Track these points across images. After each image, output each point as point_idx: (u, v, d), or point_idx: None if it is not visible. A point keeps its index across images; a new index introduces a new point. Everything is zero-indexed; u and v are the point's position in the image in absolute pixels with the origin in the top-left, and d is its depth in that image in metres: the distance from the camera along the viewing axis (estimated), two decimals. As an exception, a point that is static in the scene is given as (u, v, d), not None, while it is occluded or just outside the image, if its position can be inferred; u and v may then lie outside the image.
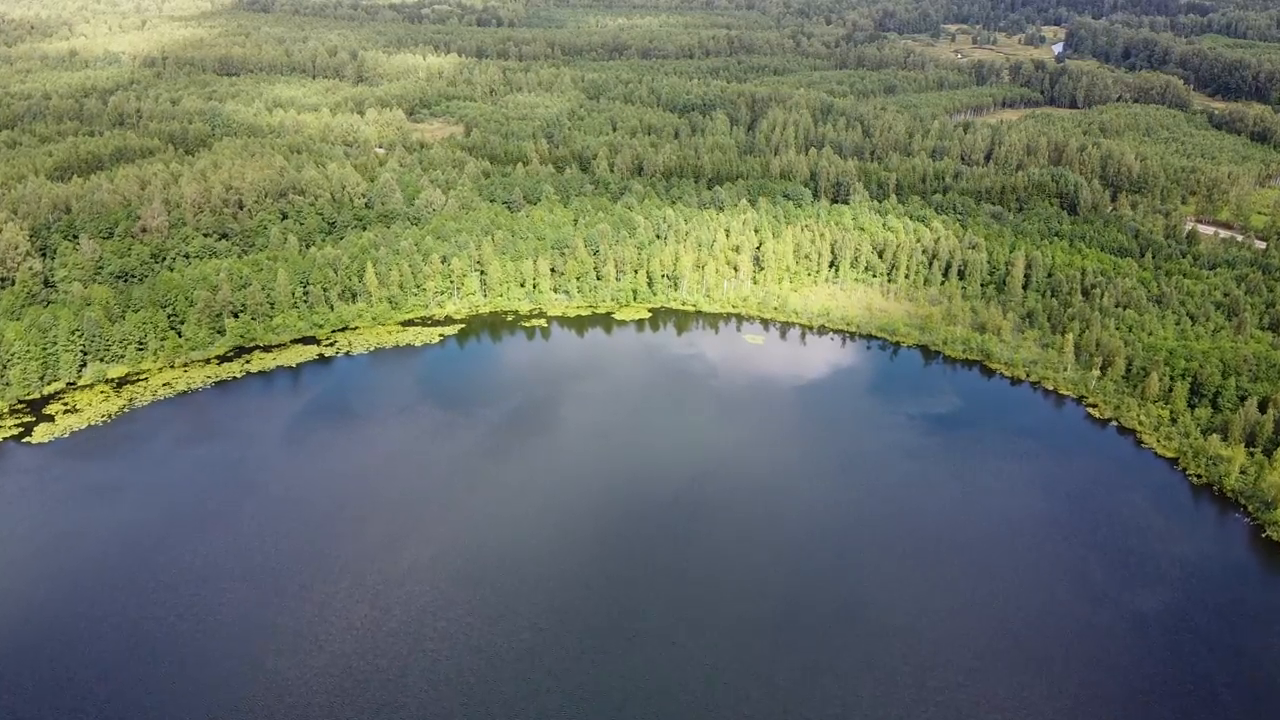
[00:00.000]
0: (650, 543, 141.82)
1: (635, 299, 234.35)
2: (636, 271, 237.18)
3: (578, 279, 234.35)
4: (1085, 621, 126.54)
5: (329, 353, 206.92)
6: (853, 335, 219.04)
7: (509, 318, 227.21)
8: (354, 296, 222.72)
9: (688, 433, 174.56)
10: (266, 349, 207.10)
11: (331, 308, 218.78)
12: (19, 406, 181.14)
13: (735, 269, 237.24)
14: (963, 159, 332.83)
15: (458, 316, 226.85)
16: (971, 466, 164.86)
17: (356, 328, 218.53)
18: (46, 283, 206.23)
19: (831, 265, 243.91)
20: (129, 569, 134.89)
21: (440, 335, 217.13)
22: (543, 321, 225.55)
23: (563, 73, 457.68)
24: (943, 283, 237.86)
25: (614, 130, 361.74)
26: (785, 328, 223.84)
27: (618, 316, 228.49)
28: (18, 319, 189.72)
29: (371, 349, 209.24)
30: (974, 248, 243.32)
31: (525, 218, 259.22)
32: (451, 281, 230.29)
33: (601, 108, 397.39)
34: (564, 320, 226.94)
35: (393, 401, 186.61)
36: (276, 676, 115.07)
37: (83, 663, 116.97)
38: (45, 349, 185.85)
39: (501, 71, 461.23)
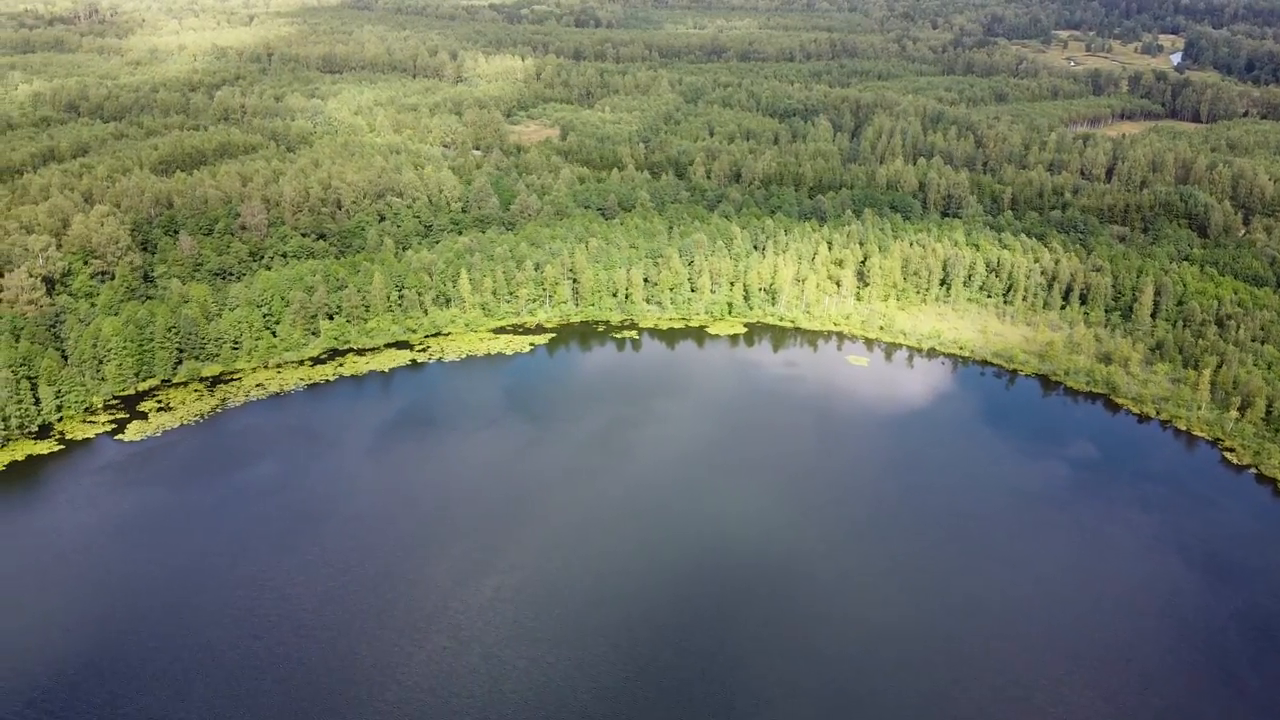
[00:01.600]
0: (741, 589, 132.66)
1: (730, 313, 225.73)
2: (732, 284, 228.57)
3: (671, 290, 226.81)
4: (1228, 709, 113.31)
5: (421, 358, 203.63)
6: (965, 360, 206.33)
7: (600, 328, 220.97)
8: (448, 302, 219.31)
9: (783, 463, 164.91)
10: (360, 353, 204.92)
11: (425, 313, 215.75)
12: (114, 402, 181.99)
13: (837, 284, 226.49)
14: (1082, 174, 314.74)
15: (549, 325, 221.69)
16: (1096, 515, 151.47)
17: (449, 333, 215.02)
18: (146, 278, 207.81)
19: (942, 284, 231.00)
20: (205, 582, 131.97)
21: (531, 344, 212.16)
22: (634, 333, 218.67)
23: (660, 75, 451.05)
24: (1063, 307, 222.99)
25: (711, 135, 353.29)
26: (891, 349, 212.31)
27: (711, 331, 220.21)
28: (116, 314, 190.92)
29: (463, 356, 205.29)
30: (1098, 270, 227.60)
31: (619, 225, 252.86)
32: (544, 289, 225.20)
33: (699, 111, 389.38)
34: (656, 332, 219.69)
35: (480, 412, 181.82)
36: (347, 710, 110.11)
37: (142, 688, 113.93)
38: (142, 345, 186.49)
39: (599, 74, 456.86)
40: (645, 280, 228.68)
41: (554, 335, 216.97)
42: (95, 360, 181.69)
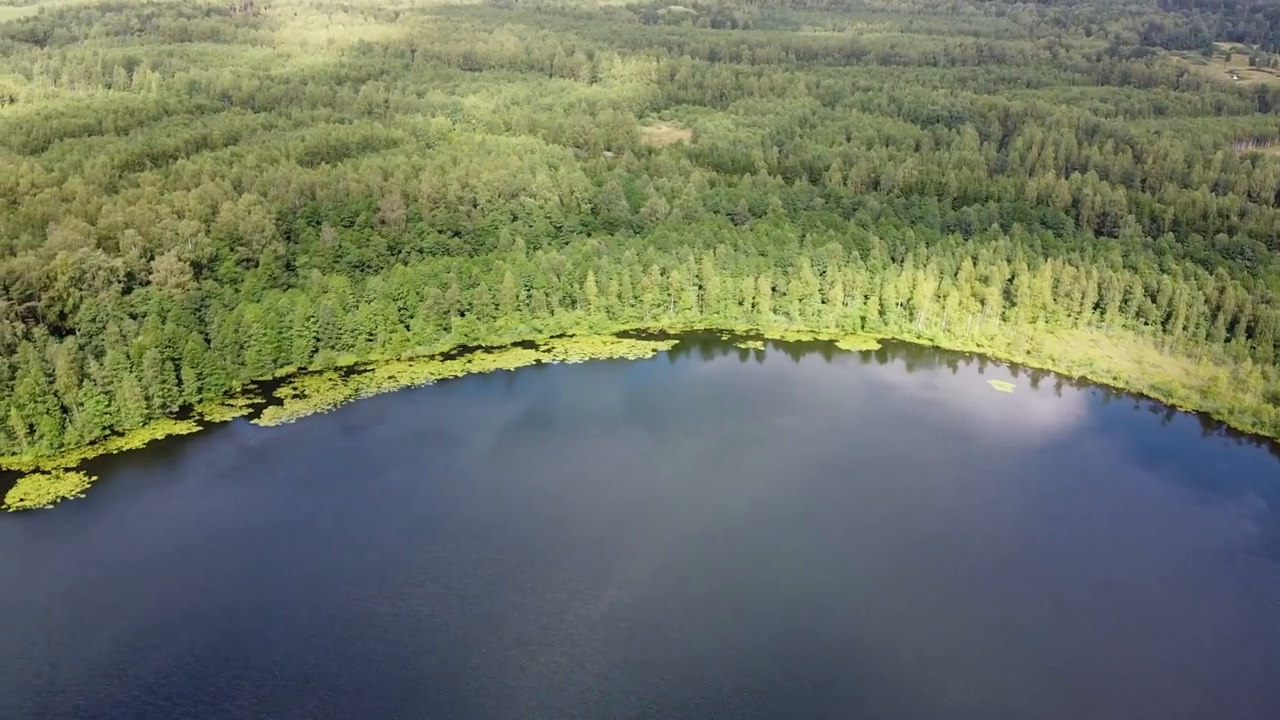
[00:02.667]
0: (852, 639, 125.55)
1: (863, 328, 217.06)
2: (866, 298, 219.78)
3: (800, 301, 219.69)
4: None
5: (546, 359, 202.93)
6: (1118, 392, 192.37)
7: (724, 336, 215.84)
8: (574, 303, 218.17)
9: (913, 496, 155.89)
10: (488, 350, 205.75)
11: (552, 313, 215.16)
12: (251, 387, 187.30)
13: (981, 302, 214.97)
14: (1250, 196, 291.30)
15: (672, 331, 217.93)
16: (1266, 575, 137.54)
17: (574, 335, 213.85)
18: (288, 266, 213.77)
19: (1096, 308, 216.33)
20: (328, 576, 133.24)
21: (653, 349, 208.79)
22: (759, 344, 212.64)
23: (796, 77, 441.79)
24: (1228, 340, 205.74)
25: (848, 140, 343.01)
26: (1038, 375, 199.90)
27: (841, 345, 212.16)
28: (258, 301, 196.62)
29: (586, 358, 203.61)
30: (1266, 302, 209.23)
31: (749, 231, 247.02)
32: (669, 294, 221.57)
33: (836, 115, 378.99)
34: (782, 344, 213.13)
35: (600, 417, 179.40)
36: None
37: (259, 679, 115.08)
38: (281, 333, 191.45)
39: (733, 75, 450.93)
40: (774, 289, 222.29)
41: (677, 342, 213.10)
42: (236, 345, 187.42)
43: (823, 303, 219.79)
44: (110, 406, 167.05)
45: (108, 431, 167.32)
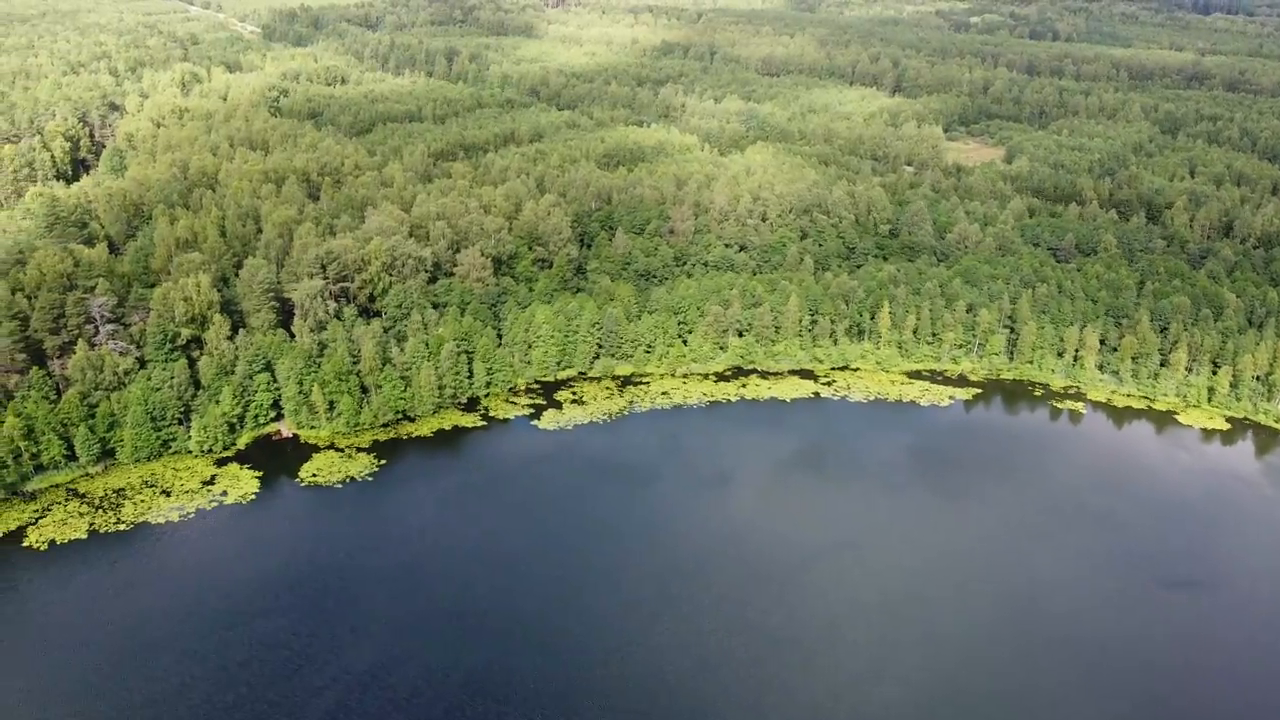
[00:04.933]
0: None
1: (1209, 400, 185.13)
2: (1216, 365, 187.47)
3: (1134, 360, 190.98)
4: None
5: (825, 392, 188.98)
6: None
7: (1036, 391, 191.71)
8: (862, 334, 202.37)
9: (1257, 651, 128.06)
10: (764, 375, 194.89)
11: (835, 343, 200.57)
12: (534, 386, 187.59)
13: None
14: None
15: (973, 377, 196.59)
16: None
17: (858, 369, 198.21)
18: (579, 270, 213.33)
19: None
20: (580, 602, 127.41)
21: (950, 397, 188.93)
22: (1078, 405, 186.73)
23: (1130, 99, 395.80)
24: None
25: (1192, 175, 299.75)
26: None
27: (1181, 419, 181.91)
28: (549, 302, 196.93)
29: (870, 398, 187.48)
30: None
31: (1075, 271, 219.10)
32: (974, 335, 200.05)
33: (1179, 145, 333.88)
34: (1106, 408, 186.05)
35: (882, 467, 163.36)
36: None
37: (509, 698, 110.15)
38: (567, 336, 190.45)
39: (1056, 91, 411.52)
40: (1102, 343, 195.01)
41: (978, 391, 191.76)
42: (525, 344, 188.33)
43: (1162, 365, 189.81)
44: (406, 392, 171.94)
45: (400, 415, 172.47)
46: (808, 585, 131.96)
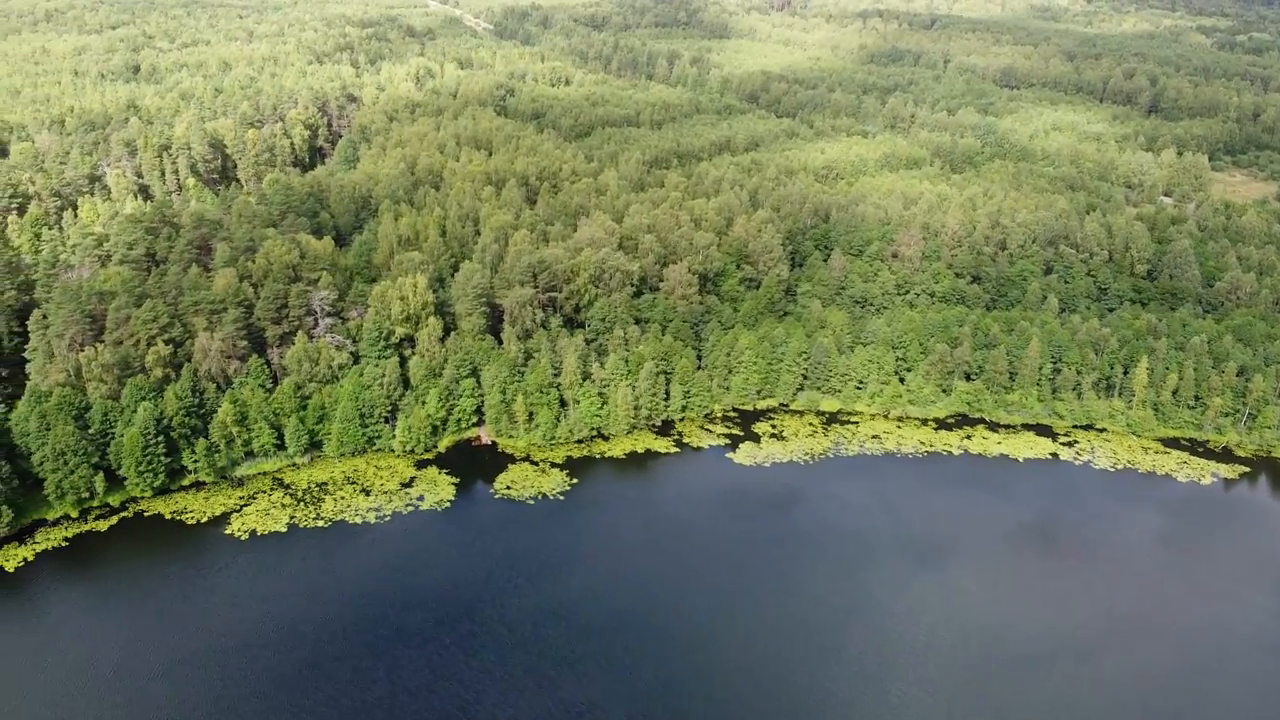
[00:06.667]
0: None
1: None
2: None
3: None
4: None
5: (1065, 454, 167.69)
6: None
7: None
8: (1111, 389, 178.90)
9: None
10: (992, 427, 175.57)
11: (1079, 397, 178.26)
12: (731, 414, 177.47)
13: None
14: None
15: (1240, 452, 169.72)
16: None
17: (1104, 430, 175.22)
18: (788, 292, 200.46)
19: None
20: (750, 687, 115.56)
21: (1211, 473, 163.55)
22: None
23: None
24: None
25: None
26: None
27: None
28: (753, 327, 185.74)
29: (1118, 465, 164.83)
30: None
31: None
32: (1244, 403, 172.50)
33: None
34: None
35: (1131, 552, 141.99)
36: None
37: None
38: (770, 364, 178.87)
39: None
40: None
41: (1245, 469, 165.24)
42: (725, 369, 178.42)
43: None
44: (602, 409, 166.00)
45: (594, 433, 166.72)
46: (1029, 689, 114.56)
